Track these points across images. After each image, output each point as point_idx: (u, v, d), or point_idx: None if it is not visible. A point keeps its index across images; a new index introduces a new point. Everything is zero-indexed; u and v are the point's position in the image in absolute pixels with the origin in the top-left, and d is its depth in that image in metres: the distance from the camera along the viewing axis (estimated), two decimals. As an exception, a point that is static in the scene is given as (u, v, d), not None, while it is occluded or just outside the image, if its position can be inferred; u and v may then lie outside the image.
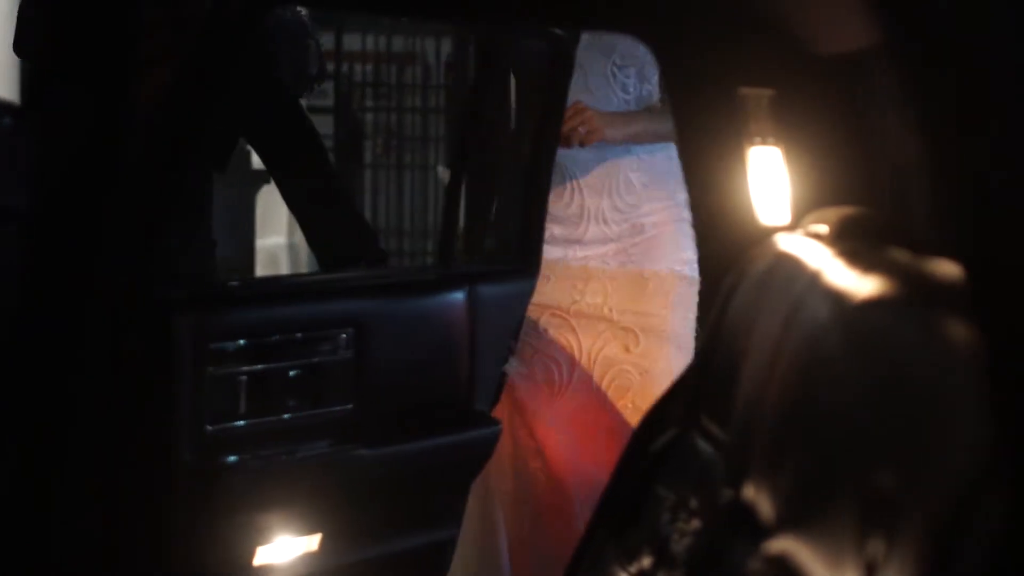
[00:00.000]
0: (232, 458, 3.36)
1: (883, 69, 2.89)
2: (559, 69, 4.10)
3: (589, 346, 4.11)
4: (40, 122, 2.90)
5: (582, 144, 3.96)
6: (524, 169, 4.19)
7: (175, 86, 3.20)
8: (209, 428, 3.33)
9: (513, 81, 4.27)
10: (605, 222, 3.99)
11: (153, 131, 3.21)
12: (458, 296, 3.90)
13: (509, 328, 4.17)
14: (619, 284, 3.95)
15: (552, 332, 4.00)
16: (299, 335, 3.51)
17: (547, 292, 3.99)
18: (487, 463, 3.98)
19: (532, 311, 4.08)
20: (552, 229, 3.99)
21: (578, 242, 3.99)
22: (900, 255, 1.94)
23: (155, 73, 3.24)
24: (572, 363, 3.97)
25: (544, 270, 3.98)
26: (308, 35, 4.02)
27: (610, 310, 3.92)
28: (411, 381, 3.77)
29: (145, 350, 3.24)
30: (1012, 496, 1.21)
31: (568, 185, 3.99)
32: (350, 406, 3.61)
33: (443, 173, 10.65)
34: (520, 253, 4.14)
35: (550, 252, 3.97)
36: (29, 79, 2.93)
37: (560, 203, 4.00)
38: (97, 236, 3.08)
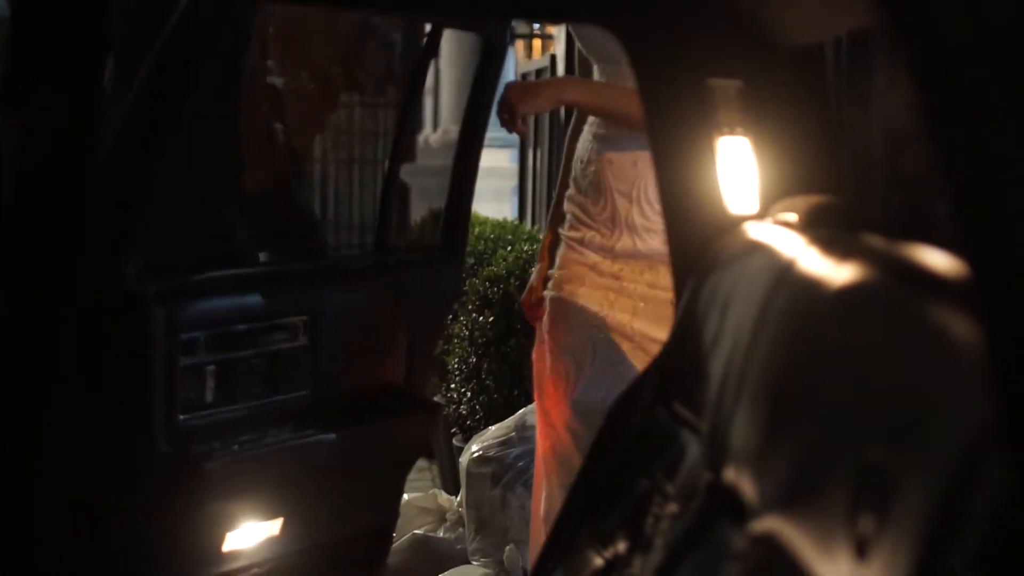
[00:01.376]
0: (204, 446, 3.39)
1: (849, 59, 2.95)
2: (489, 61, 4.15)
3: None
4: (14, 118, 2.90)
5: (514, 125, 3.89)
6: (454, 162, 4.26)
7: (148, 81, 3.20)
8: (182, 417, 3.35)
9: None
10: (637, 233, 3.94)
11: (127, 127, 3.22)
12: (392, 284, 4.00)
13: (438, 314, 4.30)
14: (648, 308, 3.91)
15: (576, 334, 3.99)
16: (261, 324, 3.56)
17: (581, 294, 3.98)
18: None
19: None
20: (588, 232, 3.98)
21: (611, 251, 3.96)
22: (875, 241, 1.97)
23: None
24: (584, 368, 3.97)
25: (579, 272, 4.00)
26: None
27: (633, 331, 3.91)
28: (357, 367, 3.84)
29: (119, 341, 3.25)
30: (1009, 470, 1.24)
31: (605, 189, 3.97)
32: (306, 392, 3.68)
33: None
34: (445, 243, 4.25)
35: (587, 256, 3.97)
36: (3, 75, 2.92)
37: (596, 207, 3.98)
38: (71, 230, 3.09)
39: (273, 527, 3.65)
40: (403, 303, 4.02)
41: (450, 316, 6.03)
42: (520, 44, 10.90)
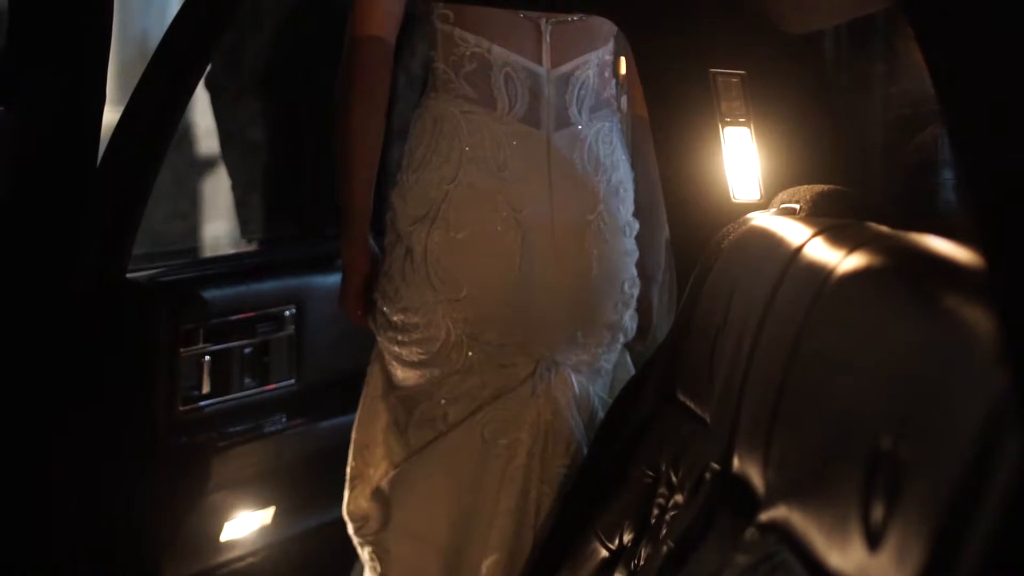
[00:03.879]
0: (203, 436, 3.40)
1: (851, 48, 2.95)
2: None
3: None
4: (12, 112, 2.89)
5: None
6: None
7: (147, 74, 3.21)
8: (182, 408, 3.36)
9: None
10: None
11: (128, 116, 3.22)
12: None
13: None
14: None
15: None
16: (254, 313, 3.58)
17: None
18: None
19: None
20: None
21: None
22: (881, 230, 1.97)
23: None
24: None
25: None
26: None
27: None
28: (340, 354, 3.83)
29: (121, 333, 3.26)
30: (1022, 458, 1.24)
31: None
32: (293, 381, 3.69)
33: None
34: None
35: None
36: (5, 64, 2.91)
37: None
38: (71, 222, 3.09)
39: (266, 515, 3.66)
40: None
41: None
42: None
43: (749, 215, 2.56)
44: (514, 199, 3.08)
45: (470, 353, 3.15)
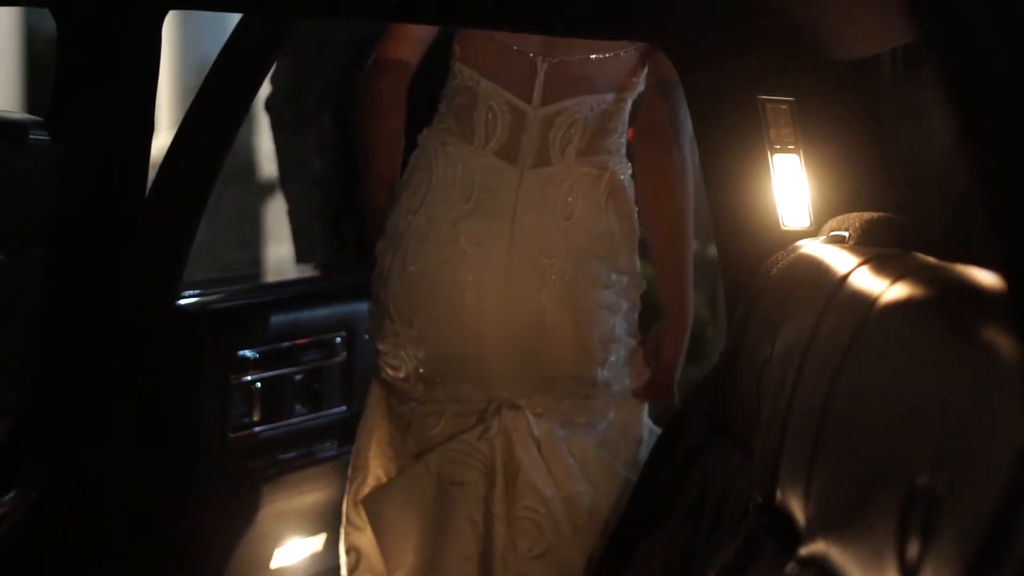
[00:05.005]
0: (254, 464, 3.41)
1: (902, 75, 2.92)
2: None
3: None
4: (61, 140, 2.92)
5: None
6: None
7: (200, 98, 3.23)
8: (232, 435, 3.37)
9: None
10: None
11: (178, 143, 3.24)
12: None
13: None
14: None
15: None
16: (306, 340, 3.58)
17: None
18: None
19: None
20: None
21: None
22: (926, 260, 1.95)
23: None
24: None
25: None
26: None
27: None
28: None
29: (172, 360, 3.27)
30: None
31: None
32: (344, 408, 3.69)
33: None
34: None
35: None
36: (54, 95, 2.94)
37: None
38: (120, 249, 3.11)
39: (317, 543, 3.66)
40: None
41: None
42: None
43: (798, 243, 2.54)
44: (473, 233, 3.04)
45: (424, 387, 3.11)
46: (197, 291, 3.42)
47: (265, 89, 4.37)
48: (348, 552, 3.22)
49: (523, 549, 3.06)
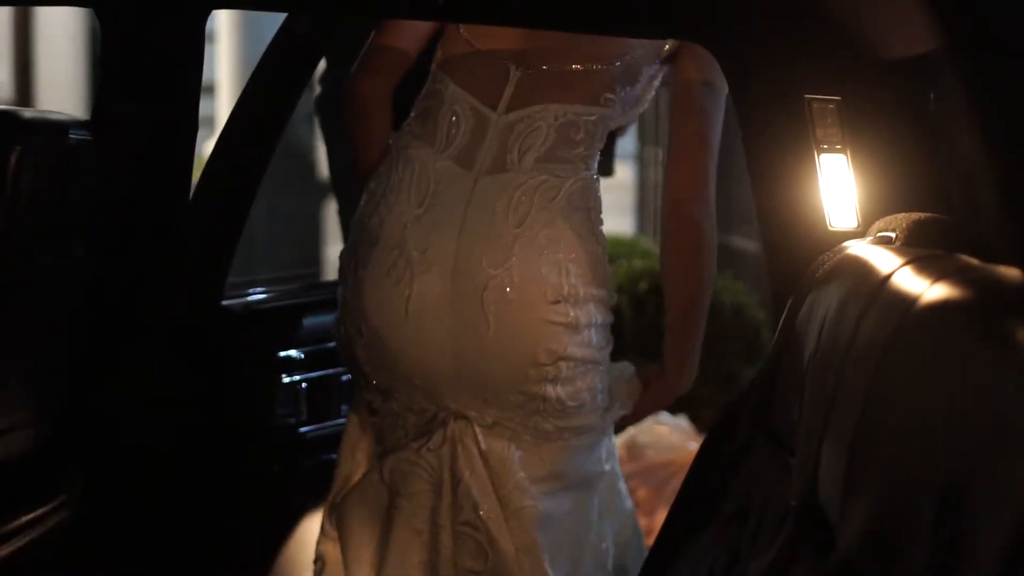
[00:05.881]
0: (300, 463, 3.41)
1: (951, 73, 2.89)
2: None
3: None
4: (111, 136, 2.93)
5: None
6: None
7: (244, 98, 3.23)
8: (277, 435, 3.37)
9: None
10: None
11: (223, 143, 3.25)
12: None
13: None
14: None
15: None
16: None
17: None
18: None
19: None
20: None
21: None
22: (968, 262, 1.93)
23: None
24: None
25: None
26: None
27: None
28: None
29: (217, 360, 3.28)
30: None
31: None
32: None
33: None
34: None
35: None
36: (98, 95, 2.95)
37: None
38: (167, 247, 3.11)
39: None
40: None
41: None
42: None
43: (844, 244, 2.52)
44: (421, 238, 2.97)
45: (380, 397, 3.06)
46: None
47: (316, 89, 4.38)
48: (316, 560, 3.18)
49: (465, 567, 3.00)
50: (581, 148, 3.04)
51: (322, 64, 4.03)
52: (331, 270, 11.08)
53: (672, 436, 5.25)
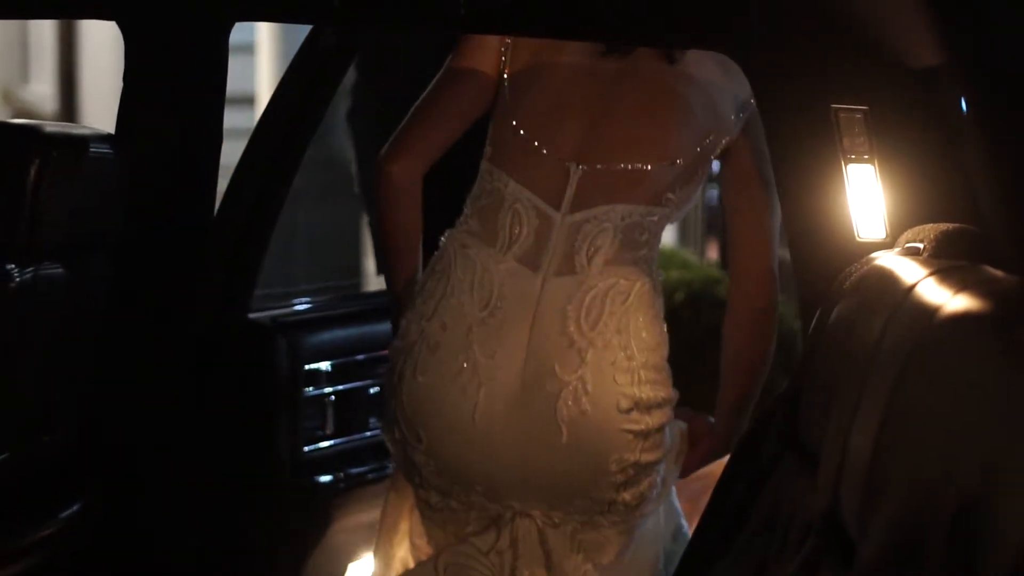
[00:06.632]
0: (327, 478, 3.40)
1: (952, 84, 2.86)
2: None
3: None
4: (135, 149, 2.94)
5: None
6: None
7: (270, 110, 3.24)
8: (305, 448, 3.37)
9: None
10: None
11: (249, 155, 3.25)
12: None
13: None
14: None
15: None
16: (381, 352, 3.56)
17: None
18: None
19: None
20: None
21: None
22: (991, 273, 1.91)
23: None
24: None
25: None
26: None
27: None
28: None
29: (244, 373, 3.28)
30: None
31: None
32: None
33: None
34: None
35: None
36: (121, 108, 2.96)
37: None
38: (192, 259, 3.12)
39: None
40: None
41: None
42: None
43: (872, 255, 2.50)
44: (488, 343, 2.89)
45: (437, 495, 2.98)
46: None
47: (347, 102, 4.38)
48: None
49: None
50: (645, 250, 2.97)
51: (354, 75, 4.04)
52: (372, 281, 11.10)
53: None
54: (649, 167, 2.97)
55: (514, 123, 2.96)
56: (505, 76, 2.97)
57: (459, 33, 3.07)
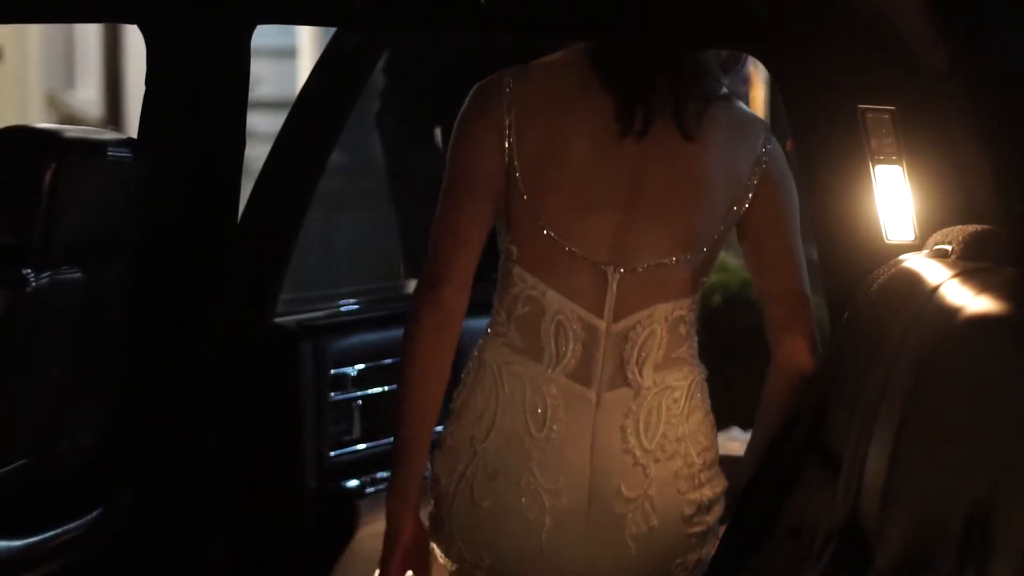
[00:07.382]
0: (353, 482, 3.40)
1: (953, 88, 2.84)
2: None
3: None
4: (158, 153, 2.94)
5: None
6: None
7: (294, 113, 3.23)
8: (332, 453, 3.37)
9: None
10: None
11: (273, 159, 3.25)
12: None
13: None
14: None
15: None
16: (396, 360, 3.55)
17: None
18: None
19: None
20: None
21: None
22: (1013, 275, 1.89)
23: None
24: None
25: None
26: None
27: None
28: None
29: (270, 377, 3.28)
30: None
31: None
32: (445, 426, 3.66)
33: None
34: None
35: None
36: (144, 113, 2.95)
37: None
38: (217, 263, 3.11)
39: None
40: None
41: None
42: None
43: (900, 257, 2.48)
44: (548, 467, 2.78)
45: None
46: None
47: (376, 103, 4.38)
48: None
49: None
50: (687, 343, 2.87)
51: (383, 78, 4.03)
52: (412, 283, 11.11)
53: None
54: (684, 259, 2.83)
55: (540, 225, 2.84)
56: (516, 164, 2.85)
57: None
